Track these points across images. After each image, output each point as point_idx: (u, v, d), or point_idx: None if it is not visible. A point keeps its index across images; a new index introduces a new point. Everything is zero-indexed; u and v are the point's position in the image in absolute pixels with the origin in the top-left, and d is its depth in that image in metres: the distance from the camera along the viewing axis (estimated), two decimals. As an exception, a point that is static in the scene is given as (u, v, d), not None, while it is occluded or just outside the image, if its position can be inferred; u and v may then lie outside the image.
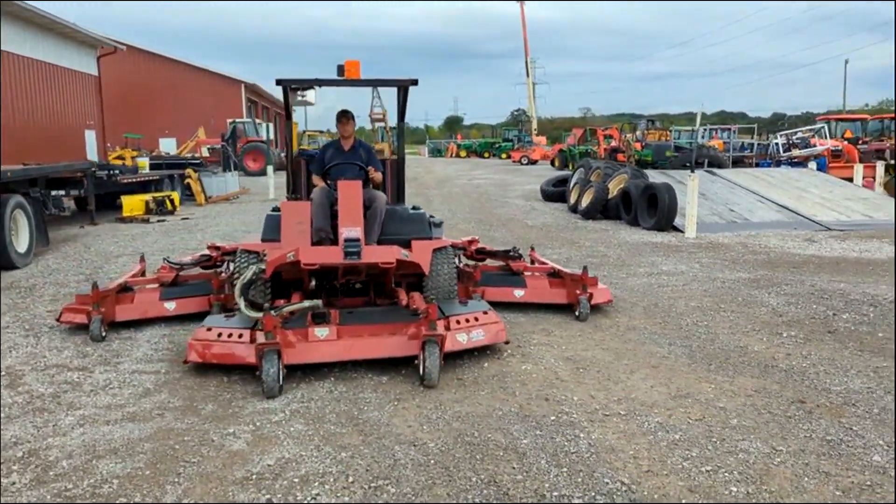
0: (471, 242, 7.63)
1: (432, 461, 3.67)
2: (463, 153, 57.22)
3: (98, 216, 13.79)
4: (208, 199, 18.01)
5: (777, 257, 9.75)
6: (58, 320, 6.08)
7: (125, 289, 6.37)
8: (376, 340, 4.99)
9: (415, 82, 6.31)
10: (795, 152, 23.25)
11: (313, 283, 5.78)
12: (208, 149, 31.87)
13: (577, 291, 6.45)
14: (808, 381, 4.79)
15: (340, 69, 6.23)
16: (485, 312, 5.37)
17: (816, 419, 4.16)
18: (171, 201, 15.24)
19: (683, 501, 3.05)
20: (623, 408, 4.35)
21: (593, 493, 3.31)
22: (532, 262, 7.64)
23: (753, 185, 15.63)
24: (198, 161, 21.67)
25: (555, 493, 3.33)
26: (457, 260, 6.72)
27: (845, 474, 3.48)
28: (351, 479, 3.49)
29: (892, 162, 20.01)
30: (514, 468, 3.59)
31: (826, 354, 5.36)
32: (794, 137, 25.34)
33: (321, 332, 4.93)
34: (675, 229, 12.43)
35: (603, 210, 14.28)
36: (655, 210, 12.62)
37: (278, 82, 6.10)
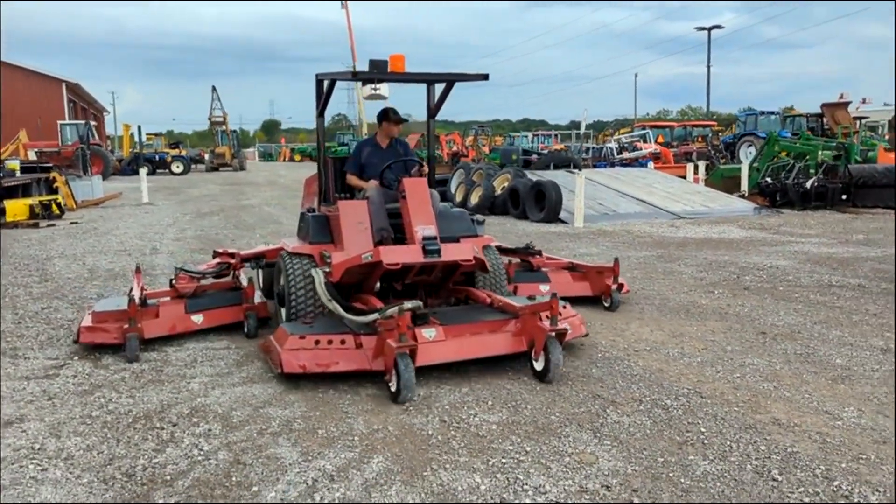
0: None
1: (551, 393, 4.65)
2: (298, 157, 57.00)
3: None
4: (77, 203, 17.19)
5: (660, 240, 11.60)
6: (76, 341, 5.50)
7: (144, 302, 5.75)
8: (481, 339, 4.90)
9: (485, 77, 5.92)
10: (626, 154, 26.31)
11: (378, 285, 5.52)
12: (37, 152, 29.54)
13: (608, 283, 6.75)
14: (756, 321, 6.31)
15: (377, 65, 5.54)
16: (563, 307, 5.26)
17: (781, 342, 5.64)
18: (59, 205, 14.55)
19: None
20: (643, 346, 5.57)
21: (675, 395, 4.46)
22: None
23: (609, 182, 17.81)
24: (48, 165, 20.34)
25: (647, 398, 4.44)
26: None
27: (826, 371, 4.93)
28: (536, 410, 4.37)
29: (711, 162, 23.36)
30: (601, 387, 4.65)
31: (755, 303, 6.96)
32: (623, 141, 28.55)
33: (429, 332, 4.74)
34: (561, 221, 14.07)
35: (490, 207, 15.66)
36: (543, 205, 14.21)
37: (354, 74, 5.83)
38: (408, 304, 4.62)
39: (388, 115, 6.23)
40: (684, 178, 19.65)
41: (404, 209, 5.40)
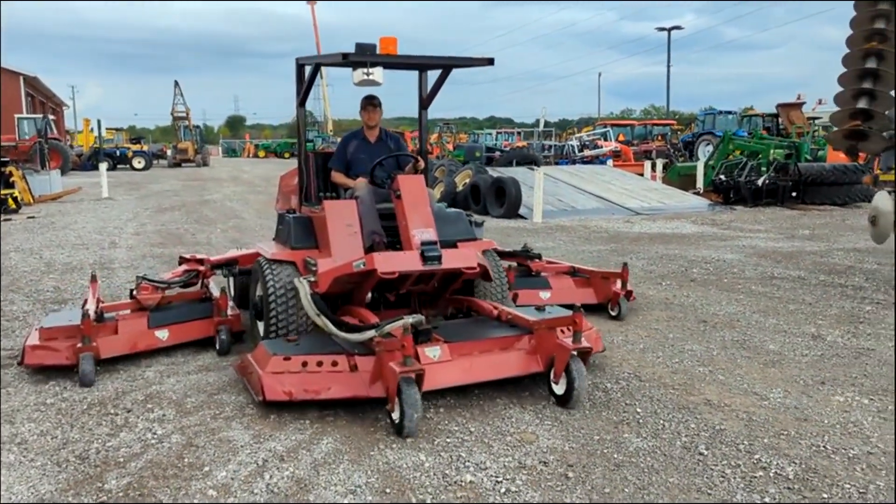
0: None
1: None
2: (262, 153, 56.68)
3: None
4: (35, 198, 16.96)
5: (615, 234, 11.90)
6: (20, 363, 4.86)
7: (100, 316, 5.10)
8: (492, 359, 4.39)
9: (491, 61, 5.31)
10: (587, 152, 26.71)
11: (369, 295, 5.00)
12: (-8, 146, 28.86)
13: (616, 289, 6.28)
14: (699, 310, 6.58)
15: (366, 49, 4.94)
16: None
17: (720, 330, 5.90)
18: (15, 199, 14.38)
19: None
20: (590, 334, 5.78)
21: (615, 379, 4.68)
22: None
23: (569, 179, 18.10)
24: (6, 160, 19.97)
25: (589, 382, 4.61)
26: None
27: (759, 356, 5.19)
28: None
29: (670, 160, 23.85)
30: (547, 372, 4.85)
31: (699, 294, 7.24)
32: (584, 139, 28.97)
33: (433, 352, 4.22)
34: (521, 217, 14.31)
35: (451, 202, 15.82)
36: (503, 201, 14.43)
37: (344, 57, 4.88)
38: (409, 319, 4.06)
39: (363, 102, 5.71)
40: (642, 175, 20.05)
41: (399, 210, 4.87)
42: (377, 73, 4.96)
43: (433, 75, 5.77)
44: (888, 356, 5.19)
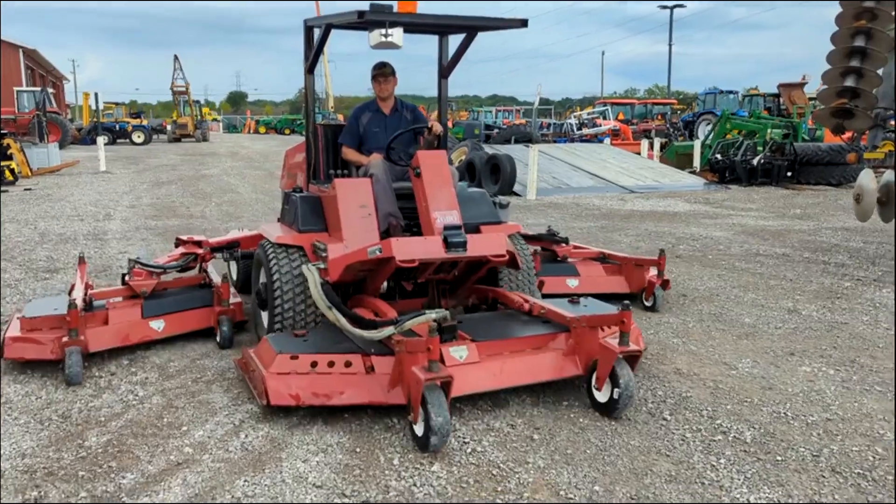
0: None
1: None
2: (263, 129, 56.67)
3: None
4: (33, 171, 17.04)
5: (607, 212, 11.97)
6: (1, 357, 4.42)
7: (89, 305, 4.68)
8: (525, 360, 3.93)
9: (524, 23, 4.72)
10: (585, 131, 26.68)
11: (384, 284, 4.70)
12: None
13: (651, 278, 5.85)
14: (681, 285, 6.67)
15: (381, 9, 4.40)
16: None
17: (699, 304, 6.01)
18: (12, 171, 14.48)
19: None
20: (570, 306, 5.89)
21: (589, 349, 4.78)
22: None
23: (565, 157, 18.15)
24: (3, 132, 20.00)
25: (564, 351, 4.75)
26: None
27: (733, 329, 5.30)
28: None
29: (668, 139, 23.84)
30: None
31: (684, 270, 7.33)
32: (584, 118, 28.93)
33: (459, 352, 3.77)
34: (515, 194, 14.36)
35: (447, 178, 15.88)
36: (497, 177, 14.48)
37: (360, 15, 4.26)
38: (433, 314, 3.70)
39: (373, 71, 5.15)
40: (640, 154, 20.07)
41: (419, 190, 4.39)
42: (397, 34, 4.42)
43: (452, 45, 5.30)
44: (860, 329, 5.30)
